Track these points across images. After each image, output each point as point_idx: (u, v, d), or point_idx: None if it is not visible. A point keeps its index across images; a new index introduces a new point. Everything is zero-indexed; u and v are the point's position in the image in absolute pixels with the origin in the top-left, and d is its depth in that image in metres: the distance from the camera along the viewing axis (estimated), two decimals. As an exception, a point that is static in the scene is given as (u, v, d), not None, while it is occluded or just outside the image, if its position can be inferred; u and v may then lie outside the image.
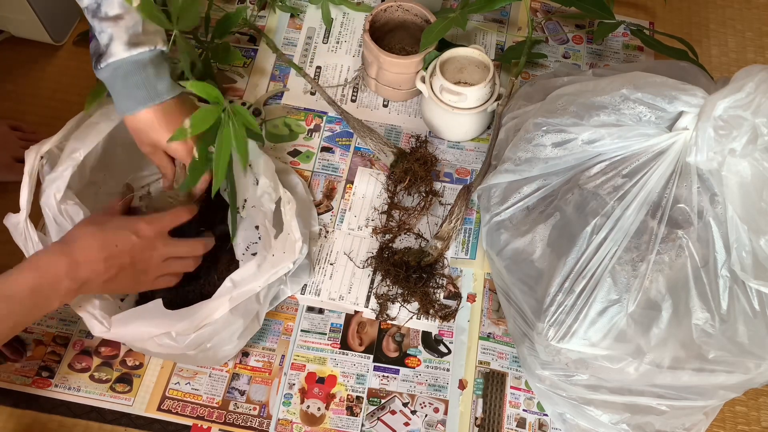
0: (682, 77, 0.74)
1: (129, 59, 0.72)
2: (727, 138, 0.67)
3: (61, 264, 0.68)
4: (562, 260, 0.73)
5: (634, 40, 1.15)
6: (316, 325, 0.89)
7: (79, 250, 0.70)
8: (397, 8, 1.03)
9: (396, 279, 0.89)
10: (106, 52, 0.72)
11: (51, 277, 0.67)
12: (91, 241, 0.71)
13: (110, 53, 0.72)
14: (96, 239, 0.71)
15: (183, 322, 0.71)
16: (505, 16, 1.17)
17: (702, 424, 0.81)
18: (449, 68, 0.99)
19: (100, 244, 0.71)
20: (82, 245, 0.70)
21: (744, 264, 0.69)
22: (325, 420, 0.83)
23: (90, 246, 0.70)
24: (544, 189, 0.81)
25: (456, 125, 1.00)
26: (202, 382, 0.84)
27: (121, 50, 0.71)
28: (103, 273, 0.71)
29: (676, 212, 0.72)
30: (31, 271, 0.67)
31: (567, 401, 0.80)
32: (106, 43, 0.72)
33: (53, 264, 0.68)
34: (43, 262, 0.68)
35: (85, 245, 0.70)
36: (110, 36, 0.71)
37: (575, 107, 0.77)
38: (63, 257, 0.68)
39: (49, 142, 0.77)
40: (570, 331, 0.72)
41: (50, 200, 0.75)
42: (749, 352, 0.70)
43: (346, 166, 1.00)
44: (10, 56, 1.06)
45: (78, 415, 0.82)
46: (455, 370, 0.87)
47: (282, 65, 1.09)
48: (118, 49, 0.71)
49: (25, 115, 1.02)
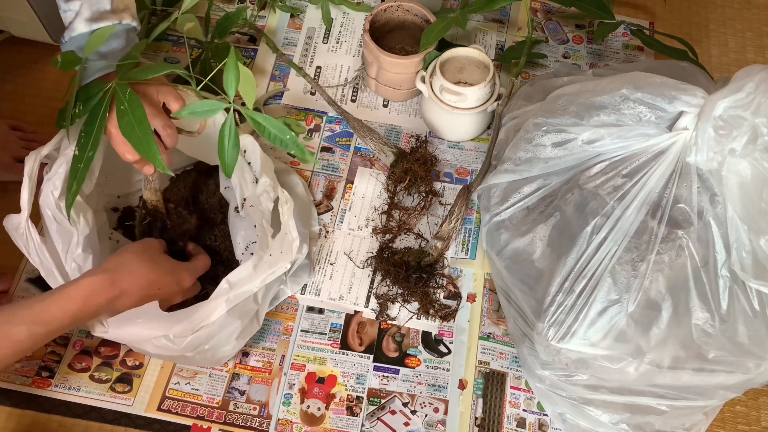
0: (682, 77, 0.74)
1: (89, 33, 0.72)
2: (727, 138, 0.67)
3: (108, 296, 0.70)
4: (562, 260, 0.73)
5: (634, 40, 1.15)
6: (316, 325, 0.89)
7: (128, 283, 0.72)
8: (397, 8, 1.03)
9: (396, 279, 0.89)
10: (68, 27, 0.73)
11: (94, 308, 0.69)
12: (142, 277, 0.73)
13: (72, 28, 0.72)
14: (147, 279, 0.74)
15: (180, 324, 0.71)
16: (505, 16, 1.17)
17: (702, 424, 0.80)
18: (449, 68, 0.99)
19: (148, 283, 0.74)
20: (131, 280, 0.72)
21: (744, 264, 0.69)
22: (325, 420, 0.83)
23: (139, 283, 0.73)
24: (544, 189, 0.81)
25: (456, 125, 1.00)
26: (202, 382, 0.84)
27: (83, 26, 0.72)
28: (135, 304, 0.73)
29: (676, 212, 0.72)
30: (77, 301, 0.68)
31: (567, 401, 0.80)
32: (71, 20, 0.73)
33: (101, 295, 0.69)
34: (92, 290, 0.69)
35: (134, 281, 0.72)
36: (75, 13, 0.72)
37: (575, 107, 0.77)
38: (111, 289, 0.70)
39: (48, 146, 0.77)
40: (570, 331, 0.72)
41: (48, 198, 0.75)
42: (749, 352, 0.70)
43: (346, 166, 1.00)
44: (10, 56, 1.06)
45: (78, 415, 0.82)
46: (455, 370, 0.87)
47: (282, 65, 1.09)
48: (80, 25, 0.72)
49: (25, 115, 1.02)
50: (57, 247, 0.75)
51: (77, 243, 0.75)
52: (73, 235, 0.75)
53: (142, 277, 0.73)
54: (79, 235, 0.75)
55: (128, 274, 0.72)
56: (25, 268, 0.90)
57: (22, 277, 0.89)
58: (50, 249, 0.75)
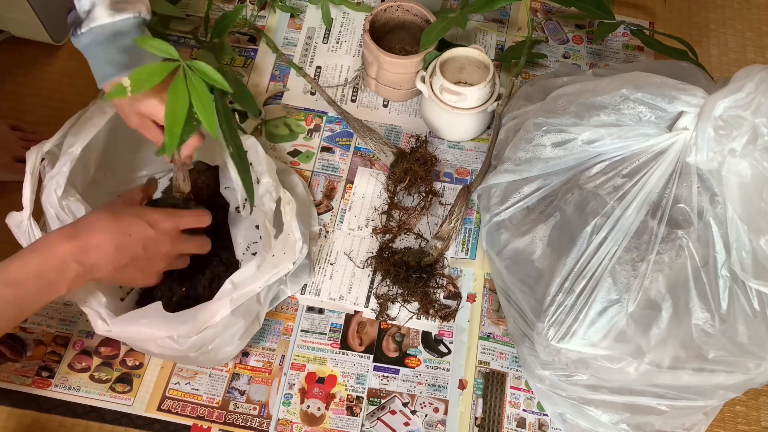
0: (682, 77, 0.74)
1: (111, 24, 0.69)
2: (727, 138, 0.67)
3: (68, 247, 0.66)
4: (562, 260, 0.73)
5: (634, 40, 1.15)
6: (316, 325, 0.89)
7: (90, 234, 0.67)
8: (397, 8, 1.03)
9: (396, 279, 0.89)
10: (87, 17, 0.69)
11: (57, 260, 0.65)
12: (103, 226, 0.69)
13: (92, 17, 0.68)
14: (109, 225, 0.69)
15: (185, 325, 0.71)
16: (505, 16, 1.17)
17: (702, 424, 0.81)
18: (449, 68, 0.99)
19: (114, 230, 0.69)
20: (92, 229, 0.68)
21: (744, 264, 0.69)
22: (325, 420, 0.83)
23: (101, 230, 0.68)
24: (544, 189, 0.81)
25: (456, 125, 1.00)
26: (202, 382, 0.84)
27: (105, 15, 0.68)
28: (113, 260, 0.69)
29: (676, 212, 0.72)
30: (35, 254, 0.65)
31: (567, 401, 0.80)
32: (88, 9, 0.69)
33: (59, 246, 0.65)
34: (49, 244, 0.66)
35: (96, 229, 0.68)
36: (92, 2, 0.68)
37: (575, 107, 0.77)
38: (71, 240, 0.66)
39: (49, 142, 0.77)
40: (570, 331, 0.72)
41: (51, 197, 0.75)
42: (749, 352, 0.70)
43: (346, 166, 1.00)
44: (10, 56, 1.06)
45: (78, 415, 0.82)
46: (455, 370, 0.87)
47: (282, 65, 1.09)
48: (102, 14, 0.68)
49: (25, 115, 1.02)
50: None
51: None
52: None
53: (104, 224, 0.69)
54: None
55: (85, 226, 0.68)
56: (25, 268, 0.90)
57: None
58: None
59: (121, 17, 0.69)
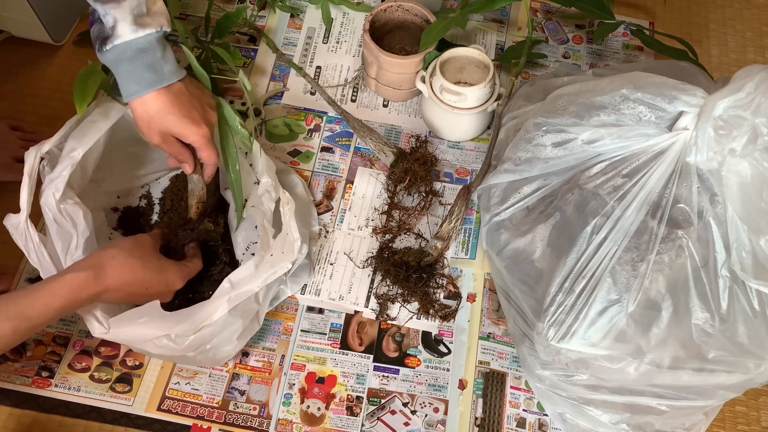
0: (682, 77, 0.74)
1: (135, 41, 0.70)
2: (727, 138, 0.67)
3: (92, 291, 0.69)
4: (562, 260, 0.73)
5: (634, 40, 1.15)
6: (316, 325, 0.89)
7: (113, 280, 0.71)
8: (397, 8, 1.03)
9: (396, 279, 0.89)
10: (112, 35, 0.69)
11: (78, 302, 0.69)
12: (128, 275, 0.72)
13: (116, 35, 0.69)
14: (134, 277, 0.73)
15: (182, 323, 0.71)
16: (505, 16, 1.17)
17: (702, 424, 0.81)
18: (449, 68, 0.99)
19: (133, 283, 0.73)
20: (116, 276, 0.71)
21: (744, 264, 0.69)
22: (325, 420, 0.83)
23: (124, 279, 0.72)
24: (544, 189, 0.81)
25: (456, 125, 1.00)
26: (202, 382, 0.84)
27: (128, 32, 0.69)
28: (124, 299, 0.74)
29: (676, 212, 0.72)
30: (61, 298, 0.67)
31: (567, 401, 0.80)
32: (112, 25, 0.69)
33: (85, 290, 0.69)
34: (76, 285, 0.68)
35: (120, 277, 0.71)
36: (115, 18, 0.69)
37: (575, 107, 0.77)
38: (96, 284, 0.69)
39: (48, 142, 0.77)
40: (570, 331, 0.72)
41: (50, 200, 0.75)
42: (749, 352, 0.70)
43: (346, 166, 1.00)
44: (10, 56, 1.06)
45: (78, 415, 0.82)
46: (455, 370, 0.87)
47: (282, 65, 1.09)
48: (125, 31, 0.69)
49: (25, 115, 1.02)
50: (57, 249, 0.75)
51: (77, 245, 0.75)
52: (72, 237, 0.75)
53: (129, 274, 0.72)
54: (78, 237, 0.75)
55: (114, 270, 0.71)
56: (25, 268, 0.90)
57: (22, 277, 0.89)
58: (50, 249, 0.75)
59: (144, 33, 0.70)
